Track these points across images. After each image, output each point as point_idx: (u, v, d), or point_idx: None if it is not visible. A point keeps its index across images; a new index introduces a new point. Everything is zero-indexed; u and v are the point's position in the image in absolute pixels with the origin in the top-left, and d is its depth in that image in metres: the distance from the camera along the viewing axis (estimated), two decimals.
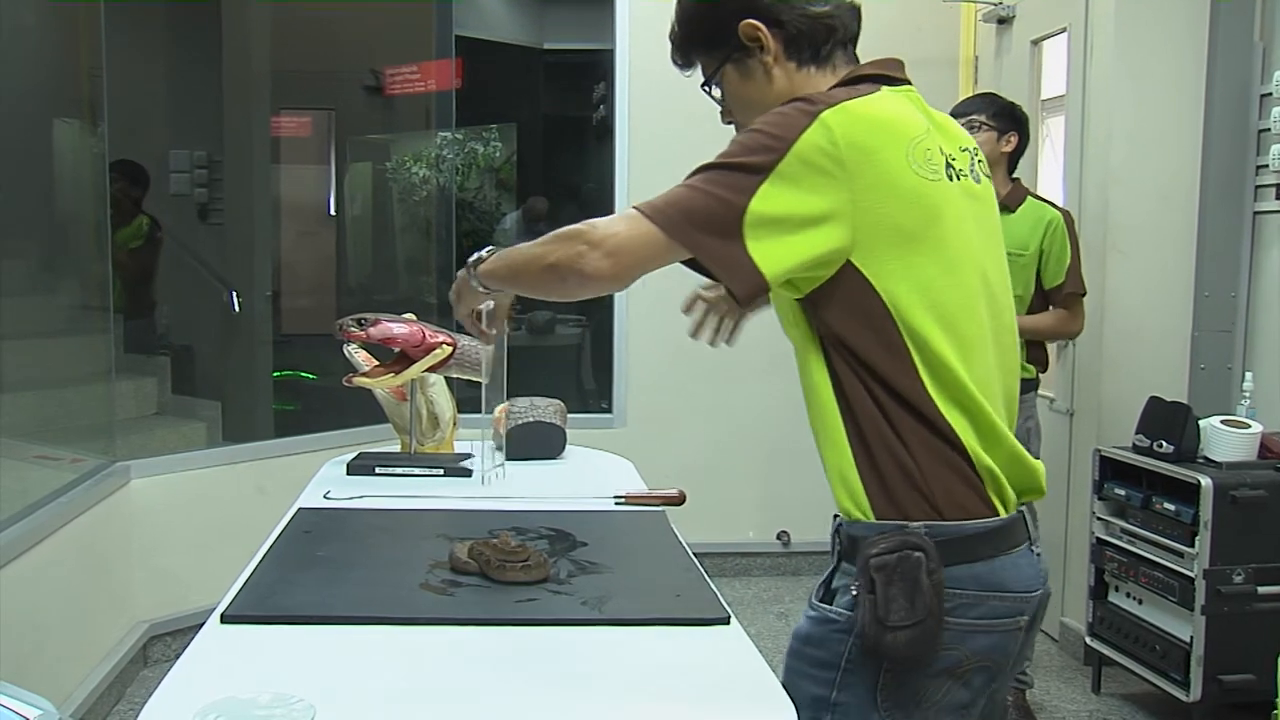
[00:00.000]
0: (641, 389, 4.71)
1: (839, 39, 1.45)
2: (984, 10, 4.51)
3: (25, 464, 3.42)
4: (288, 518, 1.92)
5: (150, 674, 3.59)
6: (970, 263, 1.36)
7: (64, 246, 4.08)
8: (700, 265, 1.32)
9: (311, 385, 5.53)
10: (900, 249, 1.30)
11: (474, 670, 1.31)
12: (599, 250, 1.28)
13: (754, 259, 1.26)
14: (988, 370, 1.37)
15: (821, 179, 1.26)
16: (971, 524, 1.32)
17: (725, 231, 1.26)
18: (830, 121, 1.27)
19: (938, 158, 1.35)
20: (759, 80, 1.44)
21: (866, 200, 1.27)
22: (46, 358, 3.87)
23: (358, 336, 2.20)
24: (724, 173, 1.28)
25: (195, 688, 1.20)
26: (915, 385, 1.31)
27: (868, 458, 1.33)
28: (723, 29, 1.44)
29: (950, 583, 1.30)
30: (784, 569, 4.78)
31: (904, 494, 1.31)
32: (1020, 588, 1.36)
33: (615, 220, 1.31)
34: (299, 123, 6.11)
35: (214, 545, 3.44)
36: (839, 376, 1.34)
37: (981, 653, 1.34)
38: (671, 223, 1.28)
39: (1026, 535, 1.39)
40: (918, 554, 1.28)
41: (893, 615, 1.28)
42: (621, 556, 1.74)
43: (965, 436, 1.32)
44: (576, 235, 1.30)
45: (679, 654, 1.36)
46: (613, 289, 1.35)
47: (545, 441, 2.53)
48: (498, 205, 7.21)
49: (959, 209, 1.36)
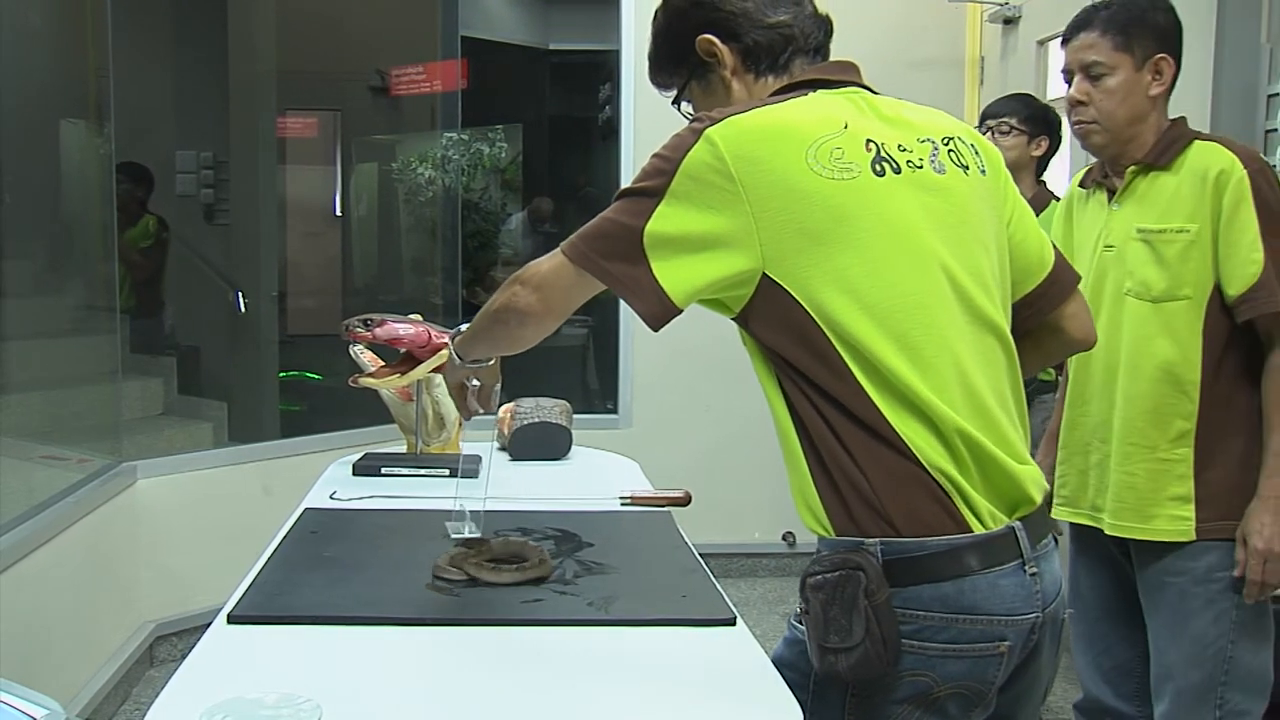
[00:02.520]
0: (647, 389, 4.71)
1: (799, 47, 1.43)
2: (990, 10, 4.51)
3: (32, 464, 3.42)
4: (294, 518, 1.92)
5: (156, 674, 3.59)
6: (913, 257, 1.29)
7: (70, 247, 4.09)
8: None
9: (317, 386, 5.54)
10: (811, 254, 1.26)
11: (480, 670, 1.31)
12: (528, 287, 1.34)
13: (659, 280, 1.26)
14: (956, 370, 1.28)
15: (714, 195, 1.25)
16: (934, 541, 1.24)
17: (629, 256, 1.27)
18: (715, 137, 1.26)
19: (855, 155, 1.28)
20: (720, 95, 1.44)
21: (766, 210, 1.25)
22: (53, 358, 3.88)
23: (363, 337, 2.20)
24: (627, 200, 1.30)
25: (202, 688, 1.20)
26: (858, 395, 1.26)
27: (824, 475, 1.28)
28: (683, 45, 1.45)
29: (912, 604, 1.24)
30: (789, 570, 4.77)
31: (860, 511, 1.26)
32: (999, 610, 1.26)
33: (543, 259, 1.34)
34: (305, 123, 6.13)
35: (220, 545, 3.44)
36: (789, 395, 1.31)
37: (955, 679, 1.26)
38: (580, 254, 1.30)
39: (1017, 553, 1.28)
40: (858, 573, 1.22)
41: (831, 637, 1.23)
42: (627, 557, 1.74)
43: (922, 446, 1.25)
44: (514, 278, 1.36)
45: (685, 655, 1.36)
46: (548, 324, 1.37)
47: (551, 442, 2.53)
48: (503, 206, 7.22)
49: (900, 203, 1.29)
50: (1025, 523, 1.31)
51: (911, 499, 1.25)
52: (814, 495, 1.30)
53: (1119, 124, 1.99)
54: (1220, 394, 1.95)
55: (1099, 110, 2.00)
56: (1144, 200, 2.00)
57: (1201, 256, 1.93)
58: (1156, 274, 1.96)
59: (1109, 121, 2.00)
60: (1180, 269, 1.94)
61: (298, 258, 6.12)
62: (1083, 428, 2.10)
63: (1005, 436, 1.32)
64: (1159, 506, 1.97)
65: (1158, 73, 2.00)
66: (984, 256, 1.37)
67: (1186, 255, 1.93)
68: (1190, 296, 1.94)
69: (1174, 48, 2.02)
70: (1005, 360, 1.37)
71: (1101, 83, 1.99)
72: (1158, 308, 1.96)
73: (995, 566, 1.27)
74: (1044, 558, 1.33)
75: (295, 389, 5.55)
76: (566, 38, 6.93)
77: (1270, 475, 1.90)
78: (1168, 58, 2.00)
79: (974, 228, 1.37)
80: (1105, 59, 1.98)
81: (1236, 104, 3.53)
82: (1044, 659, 1.36)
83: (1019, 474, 1.31)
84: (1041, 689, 1.39)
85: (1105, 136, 2.01)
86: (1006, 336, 1.38)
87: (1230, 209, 1.90)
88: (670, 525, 1.94)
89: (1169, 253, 1.95)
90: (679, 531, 1.91)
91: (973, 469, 1.28)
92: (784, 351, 1.29)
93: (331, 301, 6.11)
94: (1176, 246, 1.94)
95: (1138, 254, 1.98)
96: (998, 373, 1.35)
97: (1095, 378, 2.07)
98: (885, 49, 4.50)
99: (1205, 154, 1.95)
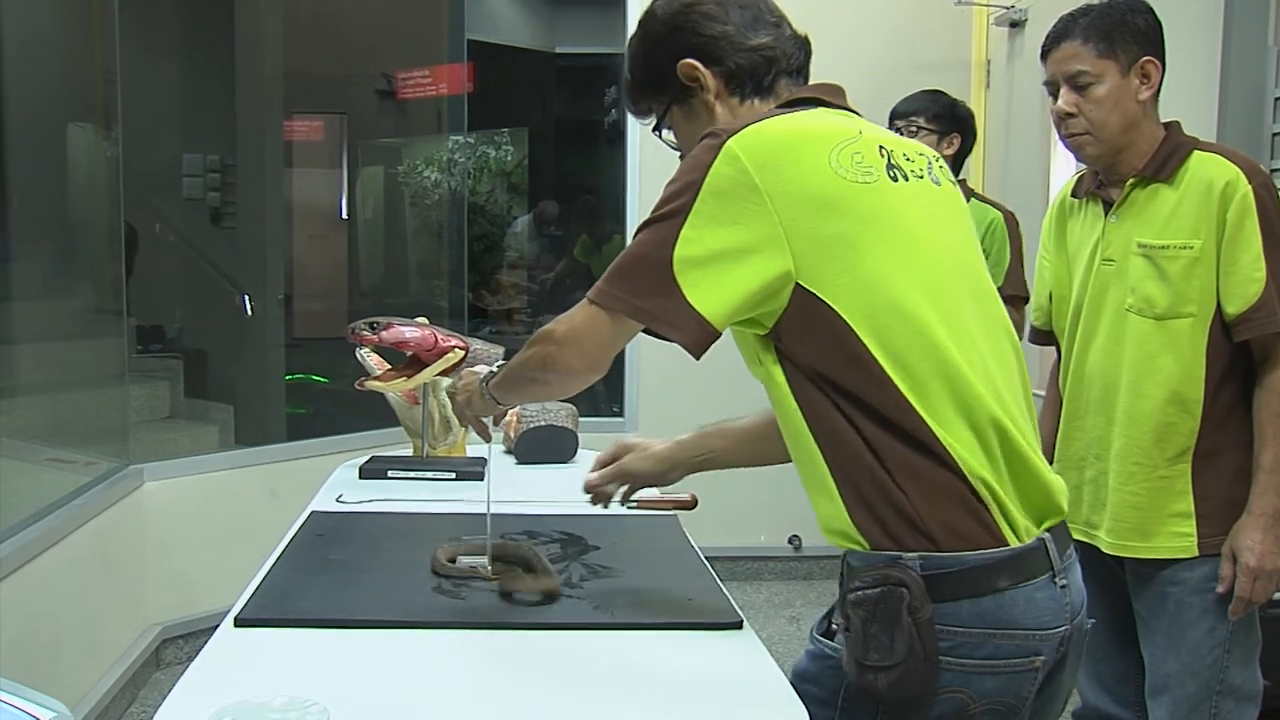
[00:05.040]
0: (653, 392, 4.71)
1: (781, 69, 1.41)
2: (996, 14, 4.50)
3: (39, 467, 3.43)
4: (300, 521, 1.92)
5: (163, 676, 3.59)
6: (935, 261, 1.29)
7: (78, 250, 4.10)
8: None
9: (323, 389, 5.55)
10: (843, 259, 1.24)
11: (487, 674, 1.31)
12: (565, 348, 1.31)
13: (694, 305, 1.23)
14: (985, 370, 1.28)
15: (741, 208, 1.23)
16: (973, 555, 1.22)
17: (660, 288, 1.24)
18: (736, 149, 1.24)
19: (873, 160, 1.28)
20: (704, 119, 1.41)
21: (794, 218, 1.22)
22: (61, 361, 3.89)
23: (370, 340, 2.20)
24: (649, 230, 1.27)
25: (209, 691, 1.20)
26: (898, 402, 1.23)
27: (854, 490, 1.25)
28: (663, 71, 1.42)
29: (950, 620, 1.21)
30: (795, 573, 4.77)
31: (896, 524, 1.23)
32: (1034, 624, 1.24)
33: (574, 314, 1.31)
34: (311, 127, 6.14)
35: (227, 548, 3.45)
36: (817, 411, 1.26)
37: (990, 695, 1.24)
38: (611, 299, 1.27)
39: (1048, 565, 1.27)
40: (901, 589, 1.19)
41: (871, 655, 1.21)
42: (634, 561, 1.74)
43: (962, 452, 1.23)
44: (545, 338, 1.33)
45: (692, 658, 1.36)
46: (592, 377, 1.34)
47: (557, 445, 2.53)
48: (509, 209, 7.23)
49: (915, 210, 1.30)
50: (1053, 534, 1.30)
51: (950, 512, 1.23)
52: (841, 510, 1.26)
53: (1112, 133, 1.94)
54: (1220, 410, 1.93)
55: (1090, 121, 1.94)
56: (1143, 214, 1.95)
57: (1206, 273, 1.89)
58: (1159, 290, 1.91)
59: (1102, 131, 1.94)
60: (1184, 285, 1.90)
61: (304, 261, 6.13)
62: (1078, 443, 2.07)
63: (1030, 438, 1.32)
64: (1160, 524, 1.95)
65: (1145, 76, 1.93)
66: (981, 267, 1.40)
67: (1190, 272, 1.89)
68: (1194, 314, 1.90)
69: (1158, 49, 1.96)
70: (1017, 364, 1.37)
71: (1089, 92, 1.93)
72: (1161, 325, 1.91)
73: (1030, 580, 1.25)
74: (1070, 569, 1.31)
75: (301, 392, 5.57)
76: (573, 41, 6.94)
77: (1263, 493, 1.88)
78: (1154, 60, 1.94)
79: (970, 240, 1.40)
80: (1090, 67, 1.92)
81: (1243, 107, 3.52)
82: (1068, 671, 1.34)
83: (1049, 481, 1.31)
84: (1063, 701, 1.37)
85: (1100, 147, 1.96)
86: (1016, 341, 1.38)
87: (1234, 225, 1.86)
88: (677, 529, 1.94)
89: (1172, 269, 1.90)
90: (685, 535, 1.91)
91: (1005, 472, 1.26)
92: (819, 364, 1.25)
93: (338, 304, 6.12)
94: (1180, 263, 1.89)
95: (1139, 270, 1.94)
96: (1014, 376, 1.35)
97: (1092, 393, 2.03)
98: (891, 52, 4.49)
99: (1207, 166, 1.91)
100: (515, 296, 6.64)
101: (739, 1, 1.42)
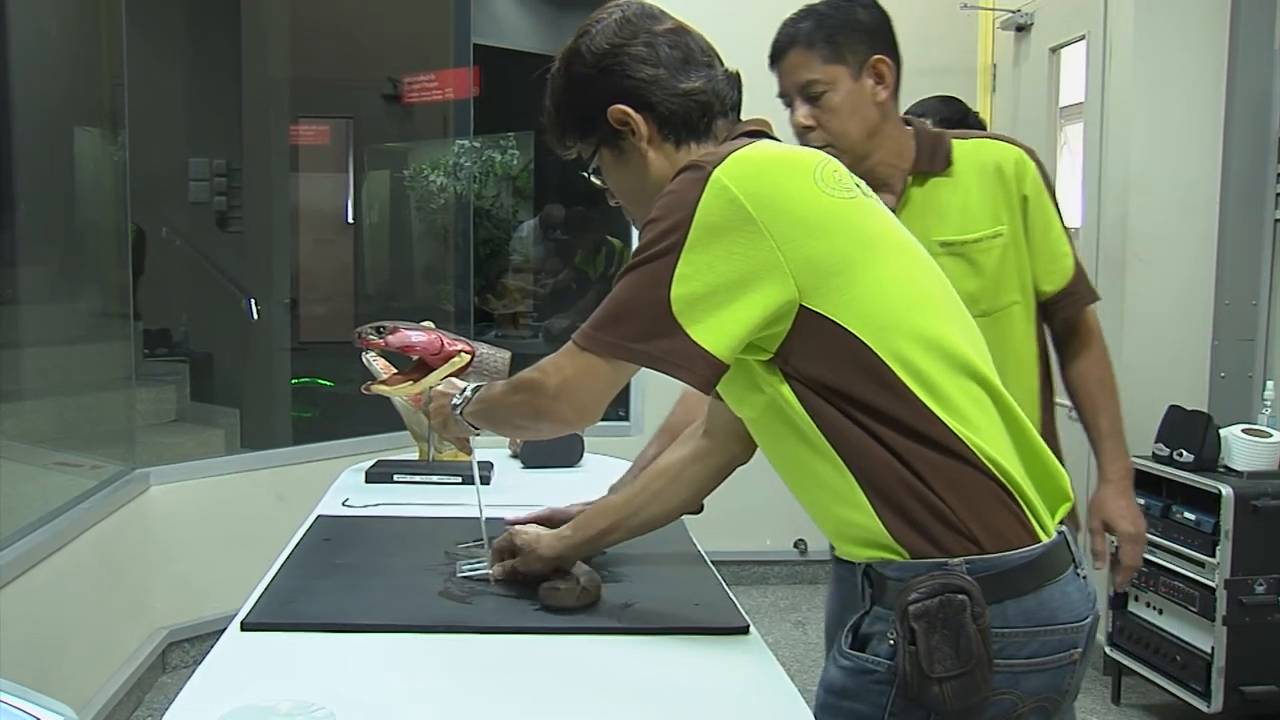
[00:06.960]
0: (658, 396, 4.70)
1: (716, 111, 1.38)
2: (1002, 18, 4.50)
3: (46, 470, 3.44)
4: (307, 525, 1.93)
5: (169, 680, 3.60)
6: (923, 270, 1.31)
7: (84, 254, 4.11)
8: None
9: (329, 392, 5.56)
10: (846, 275, 1.22)
11: (493, 678, 1.31)
12: (559, 401, 1.27)
13: (699, 344, 1.20)
14: (990, 369, 1.30)
15: (736, 238, 1.20)
16: (1015, 554, 1.22)
17: (661, 330, 1.20)
18: (724, 179, 1.21)
19: (846, 178, 1.29)
20: (635, 165, 1.38)
21: (790, 242, 1.21)
22: (67, 364, 3.90)
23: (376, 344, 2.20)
24: (639, 271, 1.23)
25: (215, 695, 1.20)
26: (920, 412, 1.22)
27: (886, 502, 1.22)
28: (591, 113, 1.37)
29: (997, 621, 1.20)
30: (801, 577, 4.76)
31: (939, 531, 1.21)
32: (1071, 617, 1.26)
33: (562, 364, 1.27)
34: (317, 131, 6.16)
35: (233, 552, 3.45)
36: (836, 427, 1.23)
37: (1037, 693, 1.24)
38: (608, 346, 1.24)
39: (1071, 557, 1.28)
40: (960, 596, 1.18)
41: (937, 666, 1.18)
42: (640, 565, 1.74)
43: (988, 450, 1.23)
44: (535, 389, 1.29)
45: (698, 663, 1.36)
46: (585, 424, 1.31)
47: (563, 449, 2.53)
48: (515, 213, 7.23)
49: (887, 221, 1.32)
50: (1065, 523, 1.32)
51: (989, 513, 1.22)
52: (875, 521, 1.23)
53: (855, 141, 1.81)
54: (1048, 394, 1.90)
55: (830, 132, 1.80)
56: (929, 211, 1.83)
57: (1019, 257, 1.82)
58: (978, 286, 1.81)
59: (843, 141, 1.80)
60: (1001, 275, 1.82)
61: (310, 265, 6.14)
62: None
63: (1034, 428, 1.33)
64: None
65: (879, 76, 1.80)
66: (939, 269, 1.39)
67: (1004, 259, 1.81)
68: (1019, 300, 1.84)
69: (888, 45, 1.83)
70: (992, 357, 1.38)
71: (824, 101, 1.79)
72: (990, 320, 1.77)
73: (1061, 574, 1.26)
74: (1080, 562, 1.34)
75: (307, 396, 5.57)
76: None
77: (1113, 458, 1.84)
78: (884, 58, 1.81)
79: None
80: (820, 75, 1.79)
81: (1250, 109, 3.52)
82: (1085, 659, 1.35)
83: (1055, 468, 1.31)
84: (1078, 688, 1.37)
85: (845, 158, 1.66)
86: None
87: (1035, 202, 1.81)
88: (683, 533, 1.94)
89: (987, 261, 1.82)
90: (691, 539, 1.91)
91: (1024, 466, 1.27)
92: (833, 380, 1.23)
93: (344, 308, 6.13)
94: (994, 252, 1.82)
95: (951, 269, 1.74)
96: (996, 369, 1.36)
97: None
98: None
99: (984, 150, 1.84)
100: (521, 300, 6.64)
101: (668, 41, 1.37)
